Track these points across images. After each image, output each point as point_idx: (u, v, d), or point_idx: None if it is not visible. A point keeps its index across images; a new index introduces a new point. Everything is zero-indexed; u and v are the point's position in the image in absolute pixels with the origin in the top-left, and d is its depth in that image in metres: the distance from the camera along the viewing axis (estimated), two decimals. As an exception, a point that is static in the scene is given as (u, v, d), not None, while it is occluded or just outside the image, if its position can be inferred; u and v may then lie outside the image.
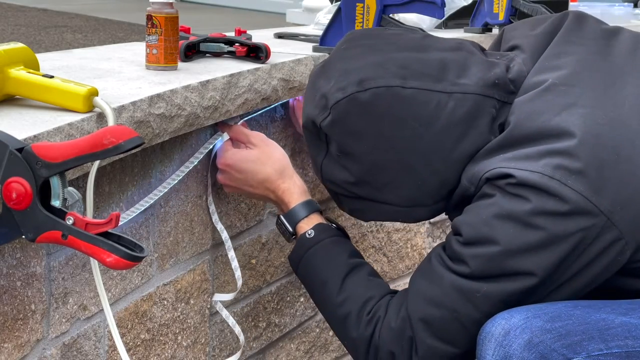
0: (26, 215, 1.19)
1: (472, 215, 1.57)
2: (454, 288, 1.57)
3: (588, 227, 1.49)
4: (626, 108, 1.57)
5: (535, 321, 1.48)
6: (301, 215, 1.81)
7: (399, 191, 1.65)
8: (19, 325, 1.35)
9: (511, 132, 1.57)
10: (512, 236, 1.51)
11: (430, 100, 1.60)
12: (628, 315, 1.50)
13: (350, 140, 1.65)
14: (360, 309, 1.69)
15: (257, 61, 1.91)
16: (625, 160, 1.51)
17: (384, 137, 1.62)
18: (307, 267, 1.78)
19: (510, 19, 2.64)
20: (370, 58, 1.65)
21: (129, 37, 8.02)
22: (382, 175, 1.65)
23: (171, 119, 1.60)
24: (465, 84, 1.61)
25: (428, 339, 1.60)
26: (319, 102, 1.66)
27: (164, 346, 1.77)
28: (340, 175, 1.69)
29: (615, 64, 1.65)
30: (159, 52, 1.73)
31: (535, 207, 1.49)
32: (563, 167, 1.49)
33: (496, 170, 1.54)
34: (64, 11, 10.13)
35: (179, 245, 1.79)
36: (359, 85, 1.62)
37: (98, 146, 1.18)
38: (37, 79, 1.41)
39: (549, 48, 1.70)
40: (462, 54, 1.67)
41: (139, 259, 1.20)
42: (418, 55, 1.65)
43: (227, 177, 1.84)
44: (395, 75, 1.61)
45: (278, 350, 2.20)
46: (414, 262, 2.55)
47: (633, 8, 3.74)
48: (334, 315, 1.73)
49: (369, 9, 2.04)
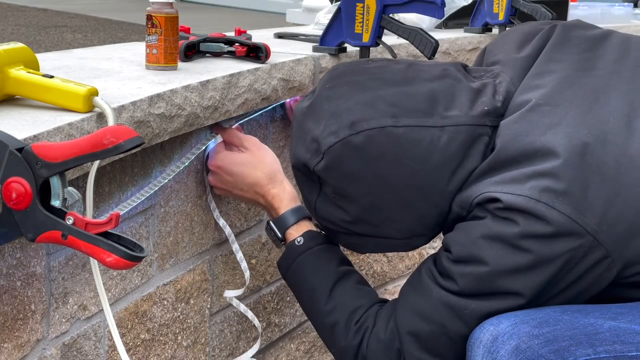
0: (26, 215, 1.19)
1: (462, 234, 1.58)
2: (442, 303, 1.58)
3: (575, 247, 1.50)
4: (611, 124, 1.56)
5: (522, 327, 1.48)
6: (290, 222, 1.80)
7: (397, 225, 1.65)
8: (19, 325, 1.35)
9: (498, 155, 1.57)
10: (501, 257, 1.52)
11: (424, 137, 1.59)
12: (617, 319, 1.50)
13: (346, 183, 1.63)
14: (349, 318, 1.69)
15: (257, 61, 1.91)
16: (610, 179, 1.51)
17: (381, 178, 1.61)
18: (296, 275, 1.78)
19: (510, 19, 2.64)
20: (358, 97, 1.63)
21: (129, 37, 8.02)
22: (380, 213, 1.64)
23: (171, 119, 1.60)
24: (455, 115, 1.60)
25: (416, 351, 1.60)
26: (310, 146, 1.65)
27: (164, 346, 1.77)
28: (336, 215, 1.68)
29: (600, 77, 1.65)
30: (159, 52, 1.73)
31: (523, 230, 1.50)
32: (549, 190, 1.49)
33: (484, 195, 1.54)
34: (64, 11, 10.13)
35: (179, 245, 1.79)
36: (351, 128, 1.60)
37: (98, 146, 1.18)
38: (37, 79, 1.41)
39: (534, 67, 1.70)
40: (448, 82, 1.66)
41: (139, 259, 1.20)
42: (406, 90, 1.63)
43: (218, 179, 1.83)
44: (386, 115, 1.60)
45: (278, 350, 2.20)
46: (413, 262, 2.55)
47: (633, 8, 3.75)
48: (322, 323, 1.73)
49: (369, 9, 2.04)
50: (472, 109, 1.61)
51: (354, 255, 2.35)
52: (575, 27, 1.78)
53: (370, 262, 2.42)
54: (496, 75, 1.70)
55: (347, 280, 1.75)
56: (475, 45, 2.63)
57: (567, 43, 1.73)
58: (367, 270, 2.43)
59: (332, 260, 1.76)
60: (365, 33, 2.05)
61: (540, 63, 1.70)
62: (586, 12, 3.43)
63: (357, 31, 2.06)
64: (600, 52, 1.70)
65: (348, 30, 2.07)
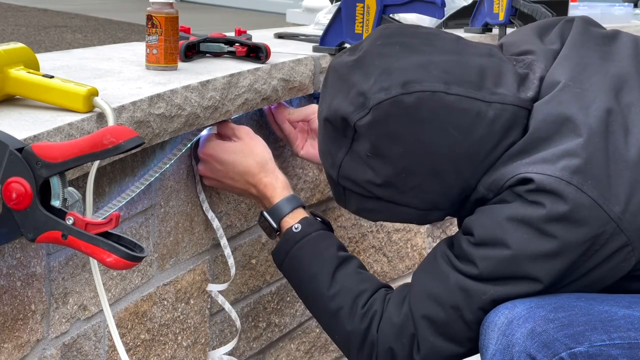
0: (26, 215, 1.19)
1: (486, 216, 1.57)
2: (459, 288, 1.57)
3: (599, 234, 1.50)
4: (632, 115, 1.58)
5: (538, 311, 1.48)
6: (286, 211, 1.78)
7: (423, 195, 1.63)
8: (19, 325, 1.35)
9: (530, 137, 1.57)
10: (524, 242, 1.52)
11: (472, 108, 1.57)
12: (631, 308, 1.51)
13: (386, 143, 1.60)
14: (354, 302, 1.68)
15: (257, 61, 1.91)
16: (633, 166, 1.52)
17: (422, 142, 1.58)
18: (295, 262, 1.76)
19: (510, 19, 2.65)
20: (411, 58, 1.61)
21: (129, 37, 8.02)
22: (410, 179, 1.61)
23: (171, 119, 1.60)
24: (503, 93, 1.59)
25: (431, 336, 1.60)
26: (355, 100, 1.61)
27: (164, 346, 1.77)
28: (364, 175, 1.64)
29: (622, 68, 1.66)
30: (159, 52, 1.73)
31: (549, 213, 1.50)
32: (579, 171, 1.50)
33: (518, 176, 1.53)
34: (64, 11, 10.14)
35: (179, 245, 1.79)
36: (404, 87, 1.58)
37: (98, 146, 1.18)
38: (37, 79, 1.41)
39: (560, 56, 1.69)
40: (495, 60, 1.65)
41: (139, 259, 1.20)
42: (458, 59, 1.62)
43: (208, 168, 1.81)
44: (438, 80, 1.58)
45: (278, 351, 2.20)
46: (414, 262, 2.56)
47: (633, 8, 3.75)
48: (325, 309, 1.72)
49: (369, 9, 2.04)
50: (519, 92, 1.61)
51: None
52: (590, 22, 1.79)
53: (370, 262, 2.42)
54: (530, 64, 1.69)
55: (348, 264, 1.74)
56: (476, 45, 2.62)
57: (590, 34, 1.74)
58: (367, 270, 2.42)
59: (332, 246, 1.75)
60: (366, 33, 2.05)
61: (567, 50, 1.70)
62: (586, 12, 3.43)
63: (357, 31, 2.06)
64: (614, 48, 1.71)
65: (348, 30, 2.07)
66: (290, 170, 2.10)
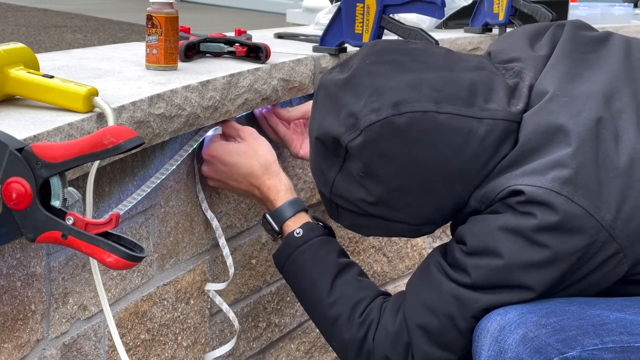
0: (26, 216, 1.19)
1: (478, 225, 1.57)
2: (452, 296, 1.57)
3: (590, 243, 1.50)
4: (622, 121, 1.58)
5: (530, 316, 1.48)
6: (288, 214, 1.79)
7: (416, 212, 1.64)
8: (19, 325, 1.35)
9: (519, 149, 1.57)
10: (516, 251, 1.52)
11: (463, 126, 1.57)
12: (623, 311, 1.51)
13: (378, 163, 1.60)
14: (352, 311, 1.69)
15: (257, 61, 1.91)
16: (623, 174, 1.52)
17: (414, 162, 1.58)
18: (295, 267, 1.76)
19: (510, 18, 2.64)
20: (402, 77, 1.61)
21: (129, 37, 8.02)
22: (403, 197, 1.62)
23: (171, 119, 1.60)
24: (494, 109, 1.59)
25: (425, 345, 1.60)
26: (346, 120, 1.61)
27: (164, 346, 1.77)
28: (357, 194, 1.65)
29: (612, 73, 1.66)
30: (159, 52, 1.73)
31: (540, 223, 1.50)
32: (570, 182, 1.50)
33: (509, 189, 1.53)
34: (64, 11, 10.13)
35: (179, 245, 1.79)
36: (395, 108, 1.57)
37: (98, 146, 1.18)
38: (37, 79, 1.41)
39: (549, 64, 1.70)
40: (485, 74, 1.65)
41: (139, 259, 1.20)
42: (448, 76, 1.62)
43: (212, 169, 1.81)
44: (429, 99, 1.58)
45: (278, 351, 2.20)
46: (414, 262, 2.56)
47: (633, 8, 3.74)
48: (324, 316, 1.72)
49: (369, 9, 2.04)
50: (509, 105, 1.61)
51: (354, 255, 2.35)
52: (580, 27, 1.79)
53: (370, 262, 2.42)
54: (519, 72, 1.69)
55: (348, 272, 1.74)
56: (476, 46, 2.63)
57: (577, 41, 1.74)
58: (367, 270, 2.43)
59: (333, 252, 1.75)
60: (366, 33, 2.05)
61: (555, 60, 1.70)
62: (586, 12, 3.42)
63: (357, 31, 2.06)
64: (604, 52, 1.71)
65: (348, 31, 2.07)
66: (290, 170, 2.10)
